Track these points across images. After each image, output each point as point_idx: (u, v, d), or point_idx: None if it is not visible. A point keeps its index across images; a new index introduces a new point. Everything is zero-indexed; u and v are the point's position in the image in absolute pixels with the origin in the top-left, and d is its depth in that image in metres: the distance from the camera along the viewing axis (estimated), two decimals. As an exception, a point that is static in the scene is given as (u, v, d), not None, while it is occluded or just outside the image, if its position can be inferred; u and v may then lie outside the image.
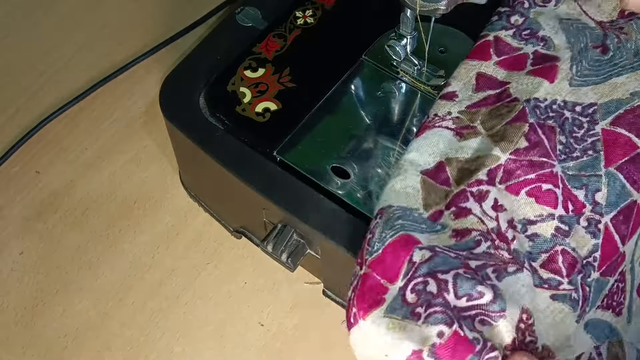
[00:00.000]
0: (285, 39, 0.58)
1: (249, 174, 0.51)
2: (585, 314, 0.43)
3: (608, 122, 0.47)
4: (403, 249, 0.43)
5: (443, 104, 0.50)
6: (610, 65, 0.50)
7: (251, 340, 0.57)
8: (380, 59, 0.57)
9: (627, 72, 0.49)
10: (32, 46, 0.73)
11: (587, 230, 0.44)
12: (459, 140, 0.48)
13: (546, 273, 0.42)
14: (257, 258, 0.60)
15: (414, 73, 0.56)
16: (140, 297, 0.59)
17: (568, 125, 0.47)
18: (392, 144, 0.53)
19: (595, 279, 0.43)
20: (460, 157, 0.47)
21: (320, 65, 0.57)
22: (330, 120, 0.54)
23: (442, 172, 0.47)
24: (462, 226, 0.44)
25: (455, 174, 0.46)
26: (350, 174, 0.52)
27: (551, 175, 0.45)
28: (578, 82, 0.49)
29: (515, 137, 0.47)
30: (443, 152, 0.47)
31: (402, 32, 0.53)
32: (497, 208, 0.44)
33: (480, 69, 0.51)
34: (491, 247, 0.43)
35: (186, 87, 0.56)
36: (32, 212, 0.63)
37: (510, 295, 0.41)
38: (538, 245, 0.43)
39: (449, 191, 0.46)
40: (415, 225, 0.44)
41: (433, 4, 0.48)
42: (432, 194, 0.46)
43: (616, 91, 0.48)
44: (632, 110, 0.47)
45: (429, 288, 0.41)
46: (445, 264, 0.41)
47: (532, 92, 0.49)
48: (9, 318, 0.58)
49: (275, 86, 0.55)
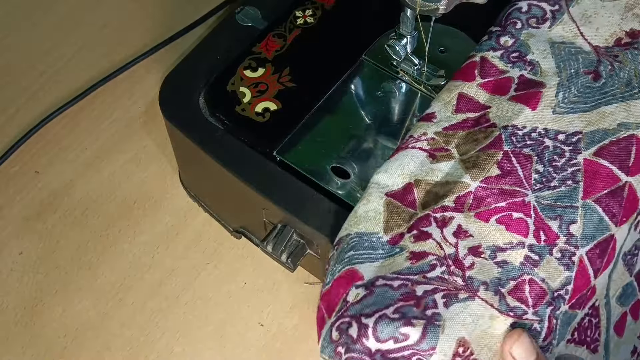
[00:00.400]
0: (285, 38, 0.58)
1: (248, 174, 0.51)
2: (552, 346, 0.42)
3: (591, 152, 0.46)
4: (344, 285, 0.43)
5: (420, 124, 0.50)
6: (600, 93, 0.49)
7: (251, 340, 0.57)
8: (380, 59, 0.57)
9: (616, 102, 0.48)
10: (32, 46, 0.73)
11: (560, 262, 0.43)
12: (431, 162, 0.47)
13: (513, 301, 0.42)
14: (257, 258, 0.60)
15: (414, 73, 0.56)
16: (140, 297, 0.59)
17: (548, 154, 0.46)
18: (392, 144, 0.53)
19: (563, 312, 0.43)
20: (430, 180, 0.47)
21: (320, 65, 0.57)
22: (330, 120, 0.54)
23: (410, 194, 0.46)
24: (420, 249, 0.44)
25: (422, 197, 0.46)
26: (350, 174, 0.52)
27: (522, 205, 0.44)
28: (564, 109, 0.48)
29: (487, 164, 0.46)
30: (413, 173, 0.47)
31: (402, 32, 0.53)
32: (460, 235, 0.44)
33: (462, 90, 0.50)
34: (445, 272, 0.43)
35: (186, 87, 0.56)
36: (32, 212, 0.63)
37: (452, 325, 0.41)
38: (506, 272, 0.43)
39: (413, 213, 0.45)
40: (368, 253, 0.44)
41: (433, 3, 0.48)
42: (395, 217, 0.46)
43: (604, 120, 0.47)
44: (617, 142, 0.46)
45: (350, 331, 0.41)
46: (377, 303, 0.41)
47: (511, 119, 0.48)
48: (9, 318, 0.58)
49: (275, 86, 0.55)
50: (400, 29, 0.53)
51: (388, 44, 0.55)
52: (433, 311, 0.41)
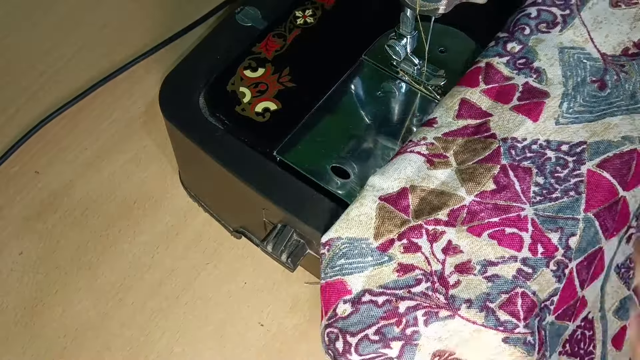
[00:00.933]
0: (285, 38, 0.58)
1: (248, 174, 0.51)
2: (546, 358, 0.43)
3: (595, 164, 0.46)
4: (334, 295, 0.45)
5: (421, 130, 0.49)
6: (606, 103, 0.48)
7: (251, 340, 0.57)
8: (380, 59, 0.57)
9: (621, 114, 0.48)
10: (32, 46, 0.73)
11: (554, 274, 0.43)
12: (428, 168, 0.47)
13: (504, 315, 0.42)
14: (257, 258, 0.60)
15: (413, 73, 0.56)
16: (140, 297, 0.59)
17: (550, 166, 0.46)
18: (391, 144, 0.53)
19: (550, 322, 0.43)
20: (425, 187, 0.47)
21: (320, 65, 0.57)
22: (330, 120, 0.54)
23: (404, 199, 0.46)
24: (408, 262, 0.44)
25: (416, 204, 0.46)
26: (350, 173, 0.52)
27: (517, 220, 0.44)
28: (568, 119, 0.48)
29: (483, 179, 0.46)
30: (409, 178, 0.47)
31: (402, 32, 0.53)
32: (449, 251, 0.44)
33: (465, 95, 0.50)
34: (430, 288, 0.43)
35: (186, 87, 0.56)
36: (32, 212, 0.63)
37: (429, 342, 0.42)
38: (497, 286, 0.43)
39: (405, 220, 0.46)
40: (358, 262, 0.45)
41: (433, 3, 0.48)
42: (386, 223, 0.46)
43: (608, 132, 0.47)
44: (620, 155, 0.46)
45: (337, 344, 0.44)
46: (360, 322, 0.43)
47: (512, 131, 0.48)
48: (9, 318, 0.58)
49: (275, 86, 0.55)
50: (400, 29, 0.53)
51: (388, 44, 0.55)
52: (413, 329, 0.42)
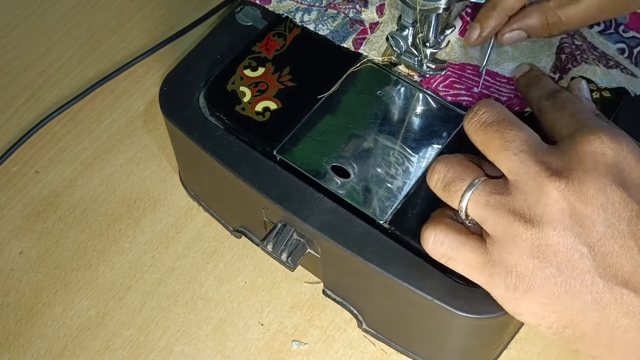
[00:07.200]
0: (285, 38, 0.58)
1: (248, 173, 0.51)
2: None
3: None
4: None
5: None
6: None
7: (251, 340, 0.57)
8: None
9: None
10: (32, 46, 0.73)
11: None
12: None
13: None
14: (257, 258, 0.60)
15: (414, 64, 0.55)
16: (140, 296, 0.59)
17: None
18: (392, 143, 0.53)
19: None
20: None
21: (320, 64, 0.56)
22: (330, 119, 0.54)
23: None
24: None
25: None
26: (350, 173, 0.52)
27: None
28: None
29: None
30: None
31: (403, 23, 0.53)
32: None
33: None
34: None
35: (186, 86, 0.56)
36: (32, 212, 0.63)
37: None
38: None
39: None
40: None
41: (433, 3, 0.48)
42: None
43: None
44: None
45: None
46: None
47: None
48: (9, 318, 0.58)
49: (275, 85, 0.55)
50: (402, 20, 0.53)
51: (390, 34, 0.54)
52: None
